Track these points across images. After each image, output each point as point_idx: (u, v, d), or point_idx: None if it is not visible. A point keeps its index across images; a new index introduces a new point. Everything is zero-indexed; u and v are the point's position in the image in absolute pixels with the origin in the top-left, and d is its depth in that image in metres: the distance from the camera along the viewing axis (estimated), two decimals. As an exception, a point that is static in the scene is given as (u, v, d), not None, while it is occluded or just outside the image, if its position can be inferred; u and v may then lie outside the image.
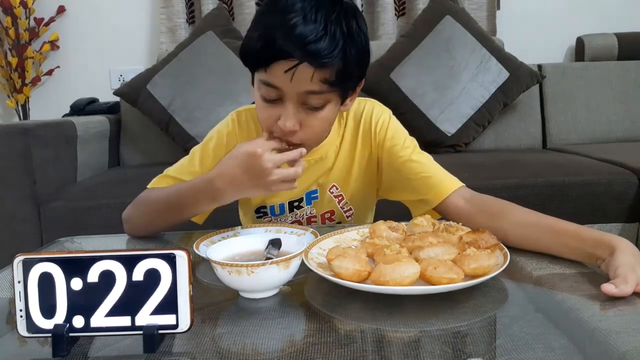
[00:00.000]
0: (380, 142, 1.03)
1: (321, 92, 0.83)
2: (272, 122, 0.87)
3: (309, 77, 0.81)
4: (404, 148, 1.02)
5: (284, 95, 0.84)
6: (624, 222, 1.69)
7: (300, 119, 0.86)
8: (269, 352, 0.55)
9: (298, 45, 0.79)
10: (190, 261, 0.56)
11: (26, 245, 1.62)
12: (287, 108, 0.85)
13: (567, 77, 2.38)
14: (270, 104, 0.86)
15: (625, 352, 0.52)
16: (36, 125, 1.71)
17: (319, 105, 0.86)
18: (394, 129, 1.04)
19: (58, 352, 0.55)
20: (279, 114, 0.86)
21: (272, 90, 0.84)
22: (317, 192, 1.07)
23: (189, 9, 2.56)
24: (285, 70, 0.80)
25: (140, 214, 1.00)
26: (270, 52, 0.81)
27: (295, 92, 0.83)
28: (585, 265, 0.75)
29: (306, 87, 0.82)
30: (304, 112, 0.86)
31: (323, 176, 1.06)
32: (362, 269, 0.66)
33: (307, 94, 0.84)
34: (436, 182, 0.97)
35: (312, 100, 0.85)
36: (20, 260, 0.56)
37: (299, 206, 1.07)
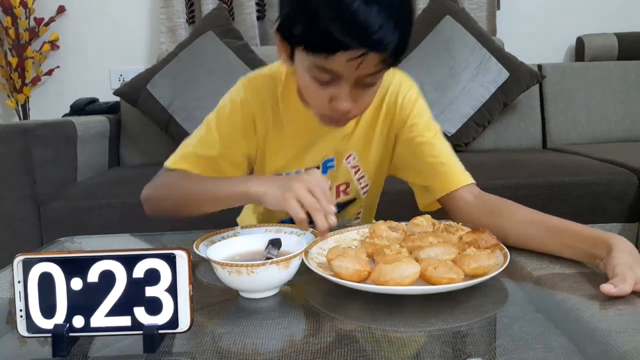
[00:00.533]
0: (404, 117, 1.00)
1: (379, 71, 0.81)
2: (324, 104, 0.85)
3: (374, 63, 0.78)
4: (426, 129, 0.99)
5: (341, 78, 0.81)
6: (624, 222, 1.70)
7: (355, 97, 0.84)
8: (269, 352, 0.55)
9: (363, 36, 0.75)
10: (190, 261, 0.56)
11: (26, 245, 1.62)
12: (343, 89, 0.82)
13: (567, 77, 2.38)
14: (324, 86, 0.83)
15: (625, 352, 0.52)
16: (36, 125, 1.71)
17: (373, 83, 0.84)
18: (420, 107, 1.01)
19: (58, 352, 0.55)
20: (331, 95, 0.83)
21: (327, 74, 0.81)
22: (334, 161, 1.03)
23: (189, 9, 2.56)
24: (349, 59, 0.77)
25: (165, 197, 0.98)
26: (334, 42, 0.76)
27: (355, 77, 0.81)
28: (585, 265, 0.75)
29: (367, 72, 0.80)
30: (358, 90, 0.83)
31: (341, 142, 1.01)
32: (362, 268, 0.66)
33: (364, 77, 0.81)
34: (448, 171, 0.95)
35: (368, 80, 0.82)
36: (20, 260, 0.56)
37: None
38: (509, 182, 1.66)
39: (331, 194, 0.81)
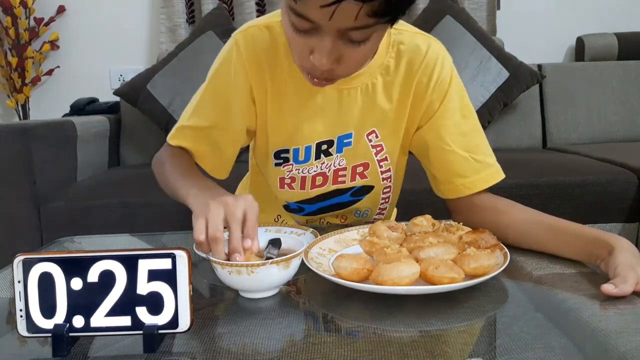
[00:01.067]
0: (434, 100, 0.89)
1: (367, 26, 0.66)
2: (305, 56, 0.72)
3: (354, 14, 0.63)
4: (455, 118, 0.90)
5: (321, 28, 0.67)
6: (624, 222, 1.70)
7: (338, 54, 0.70)
8: (269, 352, 0.55)
9: None
10: (190, 261, 0.56)
11: (26, 245, 1.62)
12: (322, 42, 0.68)
13: (567, 77, 2.38)
14: (303, 35, 0.70)
15: (625, 352, 0.52)
16: (36, 125, 1.71)
17: (361, 39, 0.69)
18: (452, 92, 0.91)
19: (58, 352, 0.55)
20: (312, 47, 0.70)
21: (304, 21, 0.67)
22: (352, 137, 0.91)
23: (189, 9, 2.56)
24: (322, 4, 0.63)
25: (157, 174, 0.93)
26: None
27: (335, 28, 0.66)
28: (585, 265, 0.75)
29: (348, 24, 0.65)
30: (344, 45, 0.69)
31: (362, 115, 0.89)
32: (361, 267, 0.66)
33: (348, 30, 0.67)
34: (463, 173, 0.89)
35: (354, 35, 0.68)
36: (20, 260, 0.56)
37: (327, 152, 0.92)
38: (509, 182, 1.66)
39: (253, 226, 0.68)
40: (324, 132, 0.90)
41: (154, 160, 0.95)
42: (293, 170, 0.95)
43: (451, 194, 0.92)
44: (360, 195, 0.98)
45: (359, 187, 0.97)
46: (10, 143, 1.64)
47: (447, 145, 0.90)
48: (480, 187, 0.90)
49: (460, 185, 0.90)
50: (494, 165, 0.93)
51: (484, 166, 0.91)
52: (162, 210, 1.62)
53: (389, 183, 0.98)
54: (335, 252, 0.79)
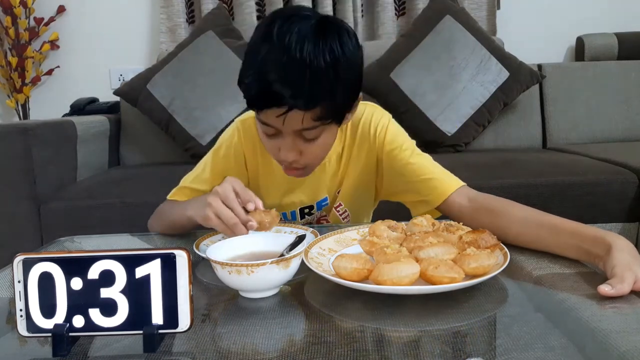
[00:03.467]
0: (379, 145, 1.04)
1: (314, 127, 0.87)
2: (275, 153, 0.93)
3: (300, 119, 0.84)
4: (404, 151, 1.02)
5: (281, 132, 0.89)
6: (624, 222, 1.69)
7: (299, 149, 0.91)
8: (269, 351, 0.55)
9: (288, 94, 0.81)
10: (190, 261, 0.56)
11: (26, 245, 1.62)
12: (283, 141, 0.90)
13: (567, 77, 2.38)
14: (271, 138, 0.91)
15: (624, 351, 0.52)
16: (36, 125, 1.71)
17: (314, 137, 0.90)
18: (393, 133, 1.05)
19: (58, 351, 0.55)
20: (278, 146, 0.91)
21: (269, 128, 0.89)
22: (327, 200, 1.09)
23: (188, 9, 2.56)
24: (277, 115, 0.84)
25: (158, 225, 1.06)
26: (262, 99, 0.85)
27: (290, 131, 0.87)
28: (584, 264, 0.75)
29: (299, 127, 0.86)
30: (301, 142, 0.90)
31: (330, 183, 1.08)
32: (361, 267, 0.66)
33: (301, 131, 0.88)
34: (437, 183, 0.98)
35: (307, 134, 0.89)
36: (20, 260, 0.56)
37: (310, 213, 1.10)
38: (509, 182, 1.66)
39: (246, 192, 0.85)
40: (305, 201, 1.08)
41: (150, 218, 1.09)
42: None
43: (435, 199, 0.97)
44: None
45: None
46: (11, 143, 1.63)
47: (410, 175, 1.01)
48: (459, 183, 0.98)
49: (440, 190, 0.97)
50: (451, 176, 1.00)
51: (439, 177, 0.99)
52: (162, 210, 1.62)
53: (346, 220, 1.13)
54: (335, 252, 0.79)
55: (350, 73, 0.87)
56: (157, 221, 1.07)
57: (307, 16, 0.85)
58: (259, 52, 0.84)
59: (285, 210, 1.09)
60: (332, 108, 0.86)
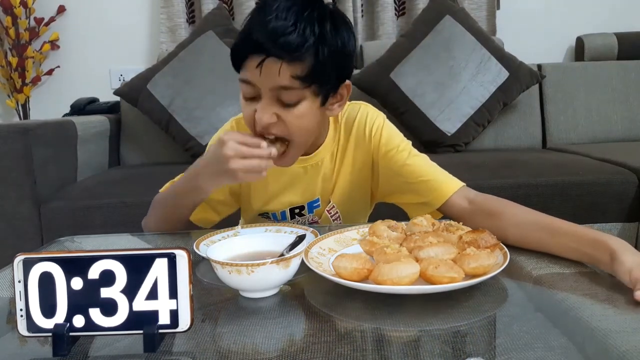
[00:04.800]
0: (375, 146, 1.03)
1: (292, 87, 0.85)
2: (252, 118, 0.90)
3: (277, 71, 0.83)
4: (400, 152, 1.02)
5: (260, 92, 0.87)
6: (624, 222, 1.69)
7: (275, 112, 0.88)
8: (269, 351, 0.55)
9: (266, 40, 0.82)
10: (190, 261, 0.56)
11: (26, 245, 1.62)
12: (262, 102, 0.88)
13: (567, 77, 2.38)
14: (250, 102, 0.90)
15: (624, 351, 0.52)
16: (36, 125, 1.71)
17: (292, 102, 0.88)
18: (388, 133, 1.04)
19: (58, 351, 0.55)
20: (255, 108, 0.89)
21: (249, 87, 0.88)
22: (319, 201, 1.08)
23: (189, 9, 2.56)
24: (255, 65, 0.83)
25: (153, 217, 1.05)
26: (244, 47, 0.86)
27: (268, 87, 0.86)
28: (584, 264, 0.75)
29: (276, 82, 0.85)
30: (280, 107, 0.88)
31: (323, 184, 1.06)
32: (361, 267, 0.66)
33: (279, 89, 0.86)
34: (436, 184, 0.97)
35: (284, 96, 0.87)
36: (20, 260, 0.56)
37: (300, 214, 1.08)
38: (509, 182, 1.66)
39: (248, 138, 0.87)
40: (296, 201, 1.07)
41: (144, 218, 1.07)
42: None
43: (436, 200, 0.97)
44: None
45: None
46: (11, 143, 1.63)
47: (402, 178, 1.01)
48: (459, 184, 0.97)
49: (440, 191, 0.97)
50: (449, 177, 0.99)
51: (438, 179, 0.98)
52: (162, 210, 1.62)
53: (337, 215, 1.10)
54: (335, 252, 0.79)
55: (337, 42, 0.87)
56: (154, 213, 1.05)
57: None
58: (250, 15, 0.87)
59: (275, 211, 1.08)
60: (315, 70, 0.85)
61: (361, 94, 2.17)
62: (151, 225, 1.05)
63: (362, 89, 2.17)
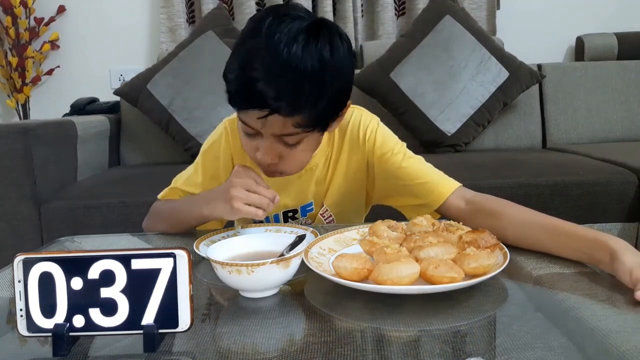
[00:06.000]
0: (370, 149, 1.03)
1: (296, 134, 0.85)
2: (253, 153, 0.90)
3: (281, 124, 0.83)
4: (395, 154, 1.01)
5: (260, 133, 0.86)
6: (624, 222, 1.69)
7: (278, 153, 0.88)
8: (269, 351, 0.55)
9: (268, 96, 0.79)
10: (190, 261, 0.56)
11: (26, 245, 1.62)
12: (262, 142, 0.87)
13: (567, 76, 2.38)
14: (250, 138, 0.89)
15: (624, 351, 0.52)
16: (36, 124, 1.71)
17: (295, 142, 0.87)
18: (382, 136, 1.03)
19: (58, 351, 0.55)
20: (257, 146, 0.88)
21: (249, 128, 0.87)
22: (312, 205, 1.07)
23: (189, 9, 2.56)
24: (258, 117, 0.82)
25: (153, 224, 1.06)
26: (243, 98, 0.83)
27: (270, 133, 0.85)
28: (584, 264, 0.75)
29: (279, 132, 0.84)
30: (282, 146, 0.87)
31: (317, 188, 1.06)
32: (361, 267, 0.66)
33: (282, 136, 0.85)
34: (433, 186, 0.97)
35: (288, 140, 0.86)
36: (20, 260, 0.56)
37: (293, 217, 1.08)
38: (509, 182, 1.66)
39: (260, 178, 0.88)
40: (289, 205, 1.06)
41: (146, 219, 1.08)
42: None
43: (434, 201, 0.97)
44: None
45: None
46: (11, 143, 1.63)
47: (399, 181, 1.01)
48: (455, 184, 0.97)
49: (437, 193, 0.97)
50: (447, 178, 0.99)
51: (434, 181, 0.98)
52: (162, 210, 1.62)
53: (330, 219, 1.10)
54: (335, 252, 0.79)
55: (338, 81, 0.84)
56: (156, 221, 1.06)
57: (300, 17, 0.82)
58: (245, 47, 0.82)
59: (268, 215, 1.06)
60: (315, 116, 0.83)
61: (361, 94, 2.16)
62: (154, 229, 1.06)
63: (362, 89, 2.17)
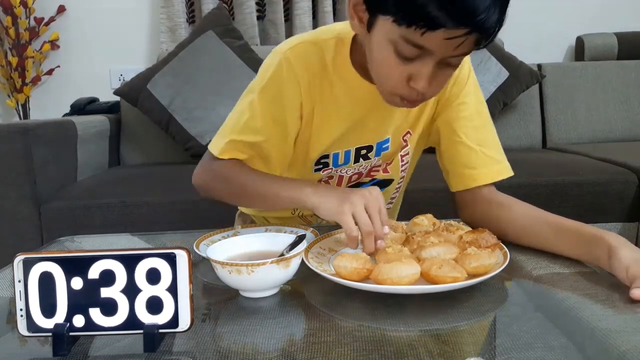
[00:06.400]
0: (455, 94, 0.93)
1: (468, 53, 0.74)
2: (401, 81, 0.76)
3: (471, 44, 0.71)
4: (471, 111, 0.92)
5: (428, 55, 0.72)
6: (624, 222, 1.70)
7: (433, 77, 0.75)
8: (269, 351, 0.55)
9: (471, 15, 0.67)
10: (190, 260, 0.56)
11: (26, 245, 1.62)
12: (426, 67, 0.73)
13: (567, 76, 2.38)
14: (405, 62, 0.74)
15: (624, 351, 0.52)
16: (36, 124, 1.71)
17: (458, 64, 0.76)
18: (470, 85, 0.93)
19: (58, 351, 0.55)
20: (410, 73, 0.75)
21: (416, 50, 0.72)
22: (389, 142, 0.95)
23: (189, 9, 2.56)
24: (448, 37, 0.68)
25: (221, 189, 0.94)
26: (436, 18, 0.67)
27: (447, 55, 0.72)
28: (584, 264, 0.75)
29: (462, 51, 0.72)
30: (439, 69, 0.75)
31: (399, 121, 0.93)
32: (361, 267, 0.66)
33: (452, 57, 0.73)
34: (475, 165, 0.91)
35: (454, 61, 0.75)
36: (20, 260, 0.56)
37: (366, 156, 0.96)
38: (509, 182, 1.65)
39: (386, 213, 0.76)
40: (365, 138, 0.94)
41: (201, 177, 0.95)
42: (332, 172, 0.98)
43: (458, 185, 0.94)
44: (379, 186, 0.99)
45: (379, 180, 1.00)
46: (11, 143, 1.63)
47: (458, 137, 0.93)
48: (486, 180, 0.92)
49: (468, 177, 0.92)
50: (502, 162, 0.95)
51: (492, 161, 0.93)
52: (162, 210, 1.62)
53: (403, 174, 1.01)
54: (335, 252, 0.79)
55: None
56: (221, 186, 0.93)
57: None
58: None
59: (338, 150, 0.94)
60: (495, 34, 0.72)
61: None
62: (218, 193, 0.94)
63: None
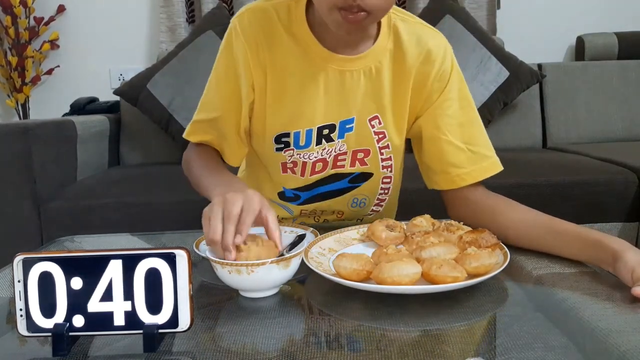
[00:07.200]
0: (437, 89, 0.90)
1: None
2: None
3: None
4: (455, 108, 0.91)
5: None
6: (624, 222, 1.69)
7: None
8: (269, 351, 0.55)
9: None
10: (190, 260, 0.56)
11: (26, 245, 1.62)
12: None
13: (567, 76, 2.38)
14: None
15: (625, 351, 0.52)
16: (36, 124, 1.71)
17: None
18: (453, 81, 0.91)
19: (58, 351, 0.55)
20: None
21: None
22: (353, 122, 0.90)
23: (188, 8, 2.56)
24: None
25: (188, 176, 0.95)
26: None
27: None
28: (585, 264, 0.75)
29: None
30: None
31: (365, 100, 0.88)
32: (361, 268, 0.66)
33: None
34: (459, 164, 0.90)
35: None
36: (20, 260, 0.56)
37: (329, 137, 0.91)
38: (509, 182, 1.66)
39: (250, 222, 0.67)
40: (326, 116, 0.89)
41: (183, 161, 0.98)
42: (294, 155, 0.94)
43: (445, 184, 0.92)
44: (359, 182, 0.97)
45: (358, 174, 0.97)
46: (11, 143, 1.63)
47: (443, 134, 0.90)
48: (475, 178, 0.91)
49: (455, 177, 0.91)
50: (491, 157, 0.94)
51: (479, 158, 0.92)
52: (162, 210, 1.62)
53: (389, 173, 0.97)
54: (335, 252, 0.79)
55: None
56: (187, 173, 0.95)
57: None
58: None
59: (298, 129, 0.89)
60: None
61: None
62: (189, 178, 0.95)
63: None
